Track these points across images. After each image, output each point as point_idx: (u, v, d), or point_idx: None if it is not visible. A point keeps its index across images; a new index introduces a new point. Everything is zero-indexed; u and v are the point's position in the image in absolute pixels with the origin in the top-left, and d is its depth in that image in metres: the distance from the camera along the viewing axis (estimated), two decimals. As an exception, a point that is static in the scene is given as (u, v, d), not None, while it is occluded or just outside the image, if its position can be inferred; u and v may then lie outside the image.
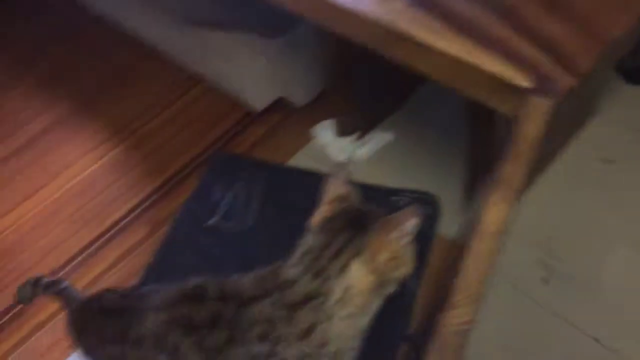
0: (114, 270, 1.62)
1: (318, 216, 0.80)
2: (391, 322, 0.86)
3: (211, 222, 1.09)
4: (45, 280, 1.06)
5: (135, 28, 2.07)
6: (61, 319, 1.54)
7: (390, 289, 0.76)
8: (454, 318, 0.51)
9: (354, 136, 1.74)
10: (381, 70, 1.60)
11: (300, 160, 1.73)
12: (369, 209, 0.79)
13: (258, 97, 1.82)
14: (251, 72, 1.73)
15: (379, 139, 1.75)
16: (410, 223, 0.73)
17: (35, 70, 2.16)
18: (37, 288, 1.06)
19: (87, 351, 0.84)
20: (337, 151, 1.73)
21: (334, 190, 0.82)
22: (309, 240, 0.78)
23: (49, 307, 1.56)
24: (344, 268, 0.73)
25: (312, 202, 1.10)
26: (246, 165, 1.18)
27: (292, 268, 0.76)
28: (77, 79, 2.10)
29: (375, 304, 0.77)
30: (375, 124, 1.78)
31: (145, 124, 1.92)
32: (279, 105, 1.86)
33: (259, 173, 1.15)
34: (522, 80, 0.74)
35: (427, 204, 1.04)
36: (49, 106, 2.03)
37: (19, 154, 1.91)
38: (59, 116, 1.99)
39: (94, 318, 0.83)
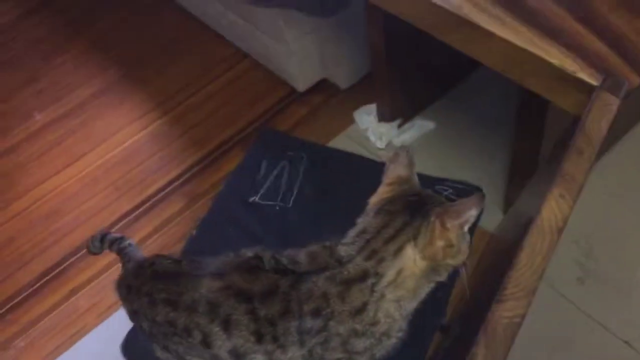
0: (152, 239, 1.65)
1: (376, 197, 0.80)
2: (426, 310, 0.86)
3: (253, 199, 1.11)
4: (111, 236, 1.09)
5: (186, 2, 2.09)
6: (99, 283, 1.59)
7: (442, 276, 0.76)
8: (505, 311, 0.50)
9: (395, 122, 1.73)
10: (426, 57, 1.59)
11: (341, 142, 1.73)
12: (428, 194, 0.79)
13: (302, 77, 1.81)
14: (298, 52, 1.73)
15: (420, 126, 1.73)
16: (471, 212, 0.72)
17: (86, 36, 2.20)
18: (103, 242, 1.09)
19: (135, 313, 0.85)
20: (377, 136, 1.72)
21: (394, 171, 0.81)
22: (365, 220, 0.78)
23: (87, 271, 1.61)
24: (398, 251, 0.73)
25: (355, 185, 1.11)
26: (291, 144, 1.19)
27: (346, 246, 0.76)
28: (127, 48, 2.13)
29: (426, 290, 0.77)
30: (417, 111, 1.76)
31: (189, 97, 1.94)
32: (322, 86, 1.86)
33: (304, 153, 1.15)
34: (587, 76, 0.73)
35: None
36: (98, 72, 2.07)
37: (67, 117, 1.96)
38: (107, 83, 2.03)
39: (146, 282, 0.84)
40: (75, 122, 1.94)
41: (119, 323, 1.52)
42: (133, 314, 0.87)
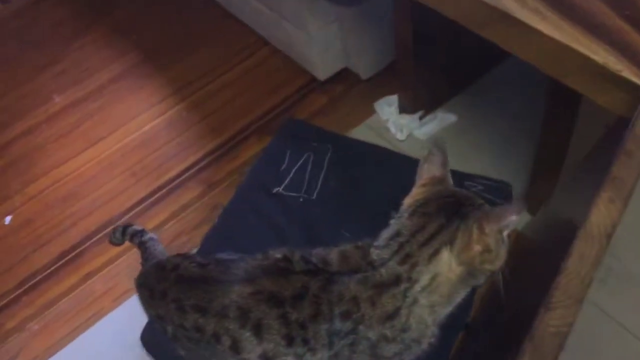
0: (169, 225, 1.64)
1: (410, 198, 0.77)
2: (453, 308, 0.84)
3: (277, 189, 1.09)
4: (132, 228, 1.08)
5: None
6: (116, 267, 1.58)
7: (479, 280, 0.74)
8: (552, 319, 0.49)
9: (417, 114, 1.70)
10: (452, 49, 1.56)
11: (361, 133, 1.71)
12: (464, 194, 0.76)
13: (323, 65, 1.79)
14: (321, 40, 1.70)
15: (441, 119, 1.71)
16: (511, 218, 0.69)
17: (107, 19, 2.19)
18: (125, 235, 1.08)
19: (160, 318, 0.84)
20: (398, 128, 1.70)
21: (428, 171, 0.78)
22: (399, 222, 0.75)
23: (103, 254, 1.60)
24: (433, 255, 0.70)
25: (380, 178, 1.09)
26: (316, 135, 1.16)
27: (379, 249, 0.74)
28: (147, 33, 2.12)
29: (461, 294, 0.75)
30: (440, 104, 1.73)
31: (208, 83, 1.92)
32: (343, 76, 1.84)
33: (329, 144, 1.13)
34: (633, 75, 0.70)
35: (501, 193, 1.01)
36: (118, 57, 2.06)
37: (86, 101, 1.95)
38: (126, 67, 2.02)
39: (171, 287, 0.82)
40: (94, 106, 1.93)
41: (135, 308, 1.52)
42: (157, 318, 0.85)
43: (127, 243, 1.55)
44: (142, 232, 1.05)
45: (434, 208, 0.73)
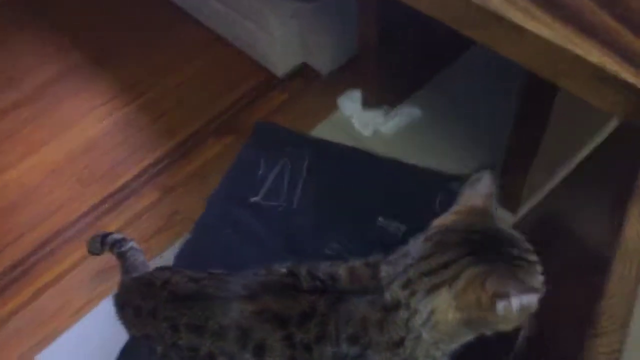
0: (124, 234, 1.54)
1: (439, 221, 0.71)
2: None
3: (255, 199, 1.03)
4: (112, 237, 1.00)
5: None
6: (68, 281, 1.48)
7: (485, 331, 0.67)
8: (600, 346, 0.46)
9: (381, 109, 1.67)
10: (417, 42, 1.54)
11: (325, 130, 1.64)
12: (499, 239, 0.67)
13: (282, 61, 1.73)
14: (279, 36, 1.64)
15: (406, 113, 1.68)
16: (511, 290, 0.60)
17: (47, 14, 2.02)
18: (104, 244, 1.00)
19: (147, 337, 0.77)
20: (362, 124, 1.66)
21: (469, 199, 0.71)
22: (413, 242, 0.70)
23: (53, 269, 1.49)
24: (433, 289, 0.65)
25: (363, 182, 1.05)
26: (290, 139, 1.11)
27: (387, 266, 0.69)
28: (94, 29, 1.98)
29: (468, 336, 0.69)
30: (404, 97, 1.71)
31: (159, 82, 1.81)
32: (302, 71, 1.78)
33: (304, 148, 1.09)
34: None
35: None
36: (60, 54, 1.91)
37: (26, 103, 1.80)
38: (70, 66, 1.88)
39: (164, 304, 0.75)
40: (35, 108, 1.78)
41: (91, 326, 1.42)
42: (144, 338, 0.78)
43: (78, 255, 1.49)
44: (122, 241, 0.98)
45: (455, 239, 0.67)
